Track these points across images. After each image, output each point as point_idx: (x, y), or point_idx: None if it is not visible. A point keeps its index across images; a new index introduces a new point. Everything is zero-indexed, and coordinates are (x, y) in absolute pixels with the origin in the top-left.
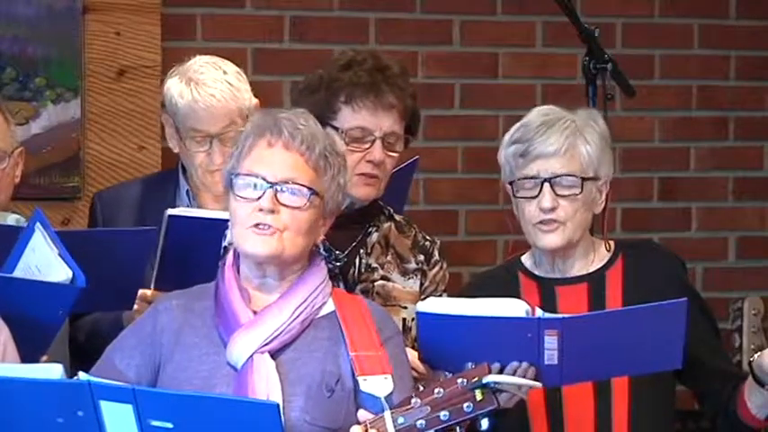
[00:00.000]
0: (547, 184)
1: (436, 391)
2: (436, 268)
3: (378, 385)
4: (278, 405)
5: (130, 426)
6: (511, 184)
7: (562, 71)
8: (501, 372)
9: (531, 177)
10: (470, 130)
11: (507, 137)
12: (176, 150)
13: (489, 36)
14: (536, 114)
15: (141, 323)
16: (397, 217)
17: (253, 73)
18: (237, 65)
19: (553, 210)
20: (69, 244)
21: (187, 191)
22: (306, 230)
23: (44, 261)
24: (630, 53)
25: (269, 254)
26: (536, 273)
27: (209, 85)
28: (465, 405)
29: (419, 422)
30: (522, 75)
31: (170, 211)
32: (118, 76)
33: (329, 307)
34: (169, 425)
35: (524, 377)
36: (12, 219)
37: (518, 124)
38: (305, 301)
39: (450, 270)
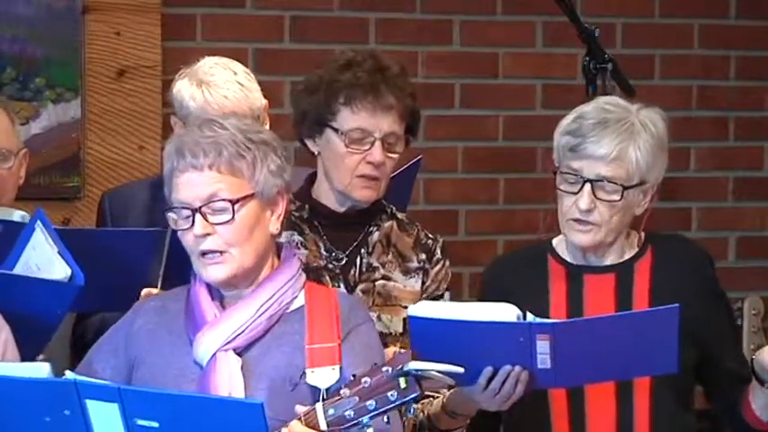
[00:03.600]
0: (588, 185)
1: (363, 380)
2: (438, 266)
3: (323, 377)
4: (262, 404)
5: (117, 425)
6: (555, 173)
7: (562, 71)
8: (494, 376)
9: (575, 173)
10: (470, 130)
11: (565, 122)
12: None
13: (489, 36)
14: (596, 109)
15: (119, 325)
16: (400, 215)
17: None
18: None
19: (589, 212)
20: (72, 243)
21: None
22: (249, 236)
23: (44, 259)
24: (630, 53)
25: (226, 277)
26: (566, 258)
27: (221, 86)
28: (389, 393)
29: (347, 413)
30: (522, 75)
31: None
32: (118, 76)
33: (300, 301)
34: (155, 424)
35: (517, 381)
36: (17, 215)
37: (577, 111)
38: (271, 297)
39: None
